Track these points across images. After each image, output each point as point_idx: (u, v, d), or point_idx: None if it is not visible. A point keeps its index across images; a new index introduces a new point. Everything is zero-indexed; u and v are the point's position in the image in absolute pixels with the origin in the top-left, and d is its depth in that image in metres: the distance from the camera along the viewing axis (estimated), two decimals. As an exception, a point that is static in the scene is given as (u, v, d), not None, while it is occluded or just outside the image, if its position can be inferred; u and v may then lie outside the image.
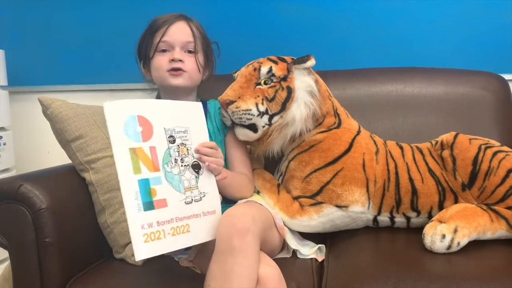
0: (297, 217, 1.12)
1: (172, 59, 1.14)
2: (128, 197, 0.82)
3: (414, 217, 1.17)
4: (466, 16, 1.56)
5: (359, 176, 1.13)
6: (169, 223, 0.85)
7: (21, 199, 1.00)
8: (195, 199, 0.90)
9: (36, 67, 1.71)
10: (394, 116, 1.43)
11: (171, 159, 0.88)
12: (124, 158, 0.83)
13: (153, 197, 0.84)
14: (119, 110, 0.85)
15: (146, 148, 0.86)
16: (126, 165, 0.83)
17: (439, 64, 1.53)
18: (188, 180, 0.91)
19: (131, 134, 0.85)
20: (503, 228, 1.06)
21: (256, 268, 0.89)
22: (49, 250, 1.01)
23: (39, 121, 1.25)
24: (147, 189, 0.83)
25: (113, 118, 0.84)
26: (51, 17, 1.68)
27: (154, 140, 0.87)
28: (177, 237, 0.86)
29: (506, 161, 1.11)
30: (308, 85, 1.14)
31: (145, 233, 0.81)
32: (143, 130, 0.86)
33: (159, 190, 0.85)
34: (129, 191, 0.82)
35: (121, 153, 0.83)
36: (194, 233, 0.88)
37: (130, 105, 0.87)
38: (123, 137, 0.84)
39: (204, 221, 0.91)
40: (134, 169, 0.83)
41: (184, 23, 1.18)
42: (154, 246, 0.82)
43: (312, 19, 1.59)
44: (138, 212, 0.82)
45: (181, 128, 0.93)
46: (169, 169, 0.88)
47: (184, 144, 0.92)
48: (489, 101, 1.43)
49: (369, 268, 1.01)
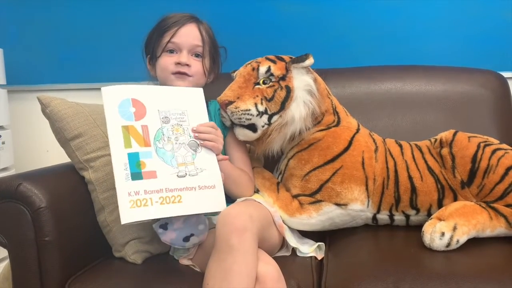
0: (296, 215, 1.12)
1: (178, 62, 1.14)
2: (118, 168, 0.91)
3: (413, 215, 1.17)
4: (465, 14, 1.56)
5: (358, 174, 1.14)
6: (158, 192, 0.91)
7: (21, 198, 1.00)
8: (190, 173, 0.96)
9: (34, 66, 1.71)
10: (393, 114, 1.44)
11: (163, 137, 0.97)
12: (116, 134, 0.93)
13: (142, 169, 0.92)
14: (115, 93, 0.96)
15: (138, 126, 0.95)
16: (118, 140, 0.93)
17: (438, 62, 1.53)
18: (182, 156, 0.98)
19: (125, 114, 0.95)
20: (502, 225, 1.06)
21: (254, 266, 0.89)
22: (48, 248, 1.01)
23: (38, 120, 1.25)
24: (136, 161, 0.92)
25: (108, 100, 0.95)
26: (49, 15, 1.68)
27: (146, 119, 0.97)
28: (166, 206, 0.91)
29: (505, 158, 1.11)
30: (307, 84, 1.14)
31: (131, 199, 0.89)
32: (136, 111, 0.96)
33: (148, 163, 0.93)
34: (119, 162, 0.91)
35: (114, 130, 0.93)
36: (186, 204, 0.93)
37: (125, 89, 0.98)
38: (117, 116, 0.94)
39: (199, 194, 0.96)
40: (125, 144, 0.93)
41: (194, 26, 1.18)
42: (140, 212, 0.89)
43: (311, 17, 1.59)
44: (126, 181, 0.90)
45: (178, 110, 1.01)
46: (160, 146, 0.96)
47: (180, 125, 1.00)
48: (488, 99, 1.43)
49: (368, 266, 1.01)
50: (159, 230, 1.01)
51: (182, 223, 1.01)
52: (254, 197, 1.13)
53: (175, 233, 1.01)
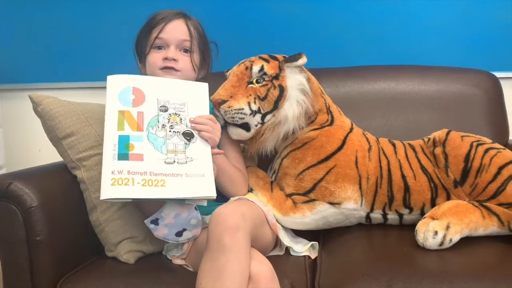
0: (290, 214, 1.12)
1: (165, 57, 1.13)
2: (107, 148, 0.95)
3: (407, 214, 1.17)
4: (459, 14, 1.57)
5: (351, 173, 1.14)
6: (142, 175, 0.93)
7: (12, 197, 0.99)
8: (178, 161, 0.98)
9: (26, 65, 1.69)
10: (386, 113, 1.44)
11: (158, 124, 1.00)
12: (112, 118, 0.97)
13: (129, 151, 0.95)
14: (118, 81, 1.01)
15: (134, 112, 0.99)
16: (112, 123, 0.97)
17: (431, 62, 1.53)
18: (174, 144, 0.99)
19: (123, 100, 0.99)
20: (495, 224, 1.07)
21: (247, 265, 0.88)
22: (40, 248, 1.00)
23: (29, 119, 1.23)
24: (125, 143, 0.95)
25: (111, 87, 1.00)
26: (41, 14, 1.67)
27: (143, 106, 1.00)
28: (147, 188, 0.93)
29: (497, 158, 1.12)
30: (300, 83, 1.14)
31: (114, 177, 0.91)
32: (135, 98, 1.00)
33: (137, 146, 0.96)
34: (109, 143, 0.95)
35: (110, 114, 0.98)
36: (169, 189, 0.94)
37: (128, 78, 1.02)
38: (116, 102, 0.99)
39: (185, 180, 0.96)
40: (118, 127, 0.97)
41: (182, 21, 1.17)
42: (119, 190, 0.91)
43: (305, 16, 1.59)
44: (112, 160, 0.93)
45: (178, 101, 1.04)
46: (153, 131, 0.99)
47: (177, 114, 1.02)
48: (481, 99, 1.44)
49: (362, 265, 1.01)
50: (150, 226, 1.01)
51: (173, 218, 1.00)
52: (247, 196, 1.13)
53: (167, 228, 1.01)
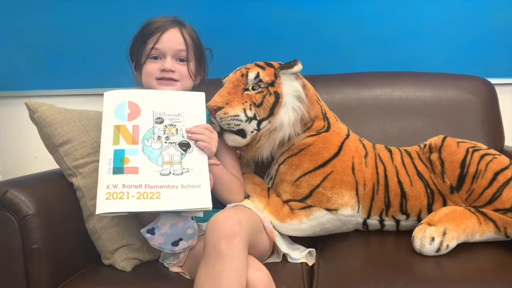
0: (287, 221, 1.12)
1: (163, 69, 1.13)
2: (102, 163, 0.96)
3: (404, 220, 1.18)
4: (454, 21, 1.58)
5: (348, 179, 1.14)
6: (136, 188, 0.94)
7: (7, 205, 0.99)
8: (174, 172, 0.97)
9: (22, 72, 1.69)
10: (382, 120, 1.45)
11: (153, 136, 1.00)
12: (107, 133, 0.99)
13: (124, 164, 0.96)
14: (114, 97, 1.03)
15: (129, 125, 1.00)
16: (108, 138, 0.98)
17: (427, 68, 1.54)
18: (170, 155, 0.99)
19: (119, 115, 1.01)
20: (491, 230, 1.07)
21: (244, 272, 0.88)
22: (36, 257, 0.99)
23: (25, 126, 1.23)
24: (121, 157, 0.96)
25: (107, 103, 1.02)
26: (37, 21, 1.67)
27: (139, 120, 1.01)
28: (142, 201, 0.93)
29: (493, 164, 1.12)
30: (296, 90, 1.15)
31: (108, 192, 0.92)
32: (131, 112, 1.01)
33: (133, 159, 0.96)
34: (104, 157, 0.96)
35: (106, 129, 0.99)
36: (165, 201, 0.94)
37: (124, 93, 1.04)
38: (112, 117, 1.00)
39: (181, 192, 0.96)
40: (114, 141, 0.98)
41: (177, 30, 1.16)
42: (114, 204, 0.91)
43: (301, 23, 1.60)
44: (107, 175, 0.94)
45: (174, 112, 1.04)
46: (148, 144, 0.99)
47: (173, 125, 1.02)
48: (476, 105, 1.45)
49: (359, 271, 1.01)
50: (147, 235, 1.00)
51: (169, 228, 1.00)
52: (244, 202, 1.13)
53: (163, 237, 1.01)
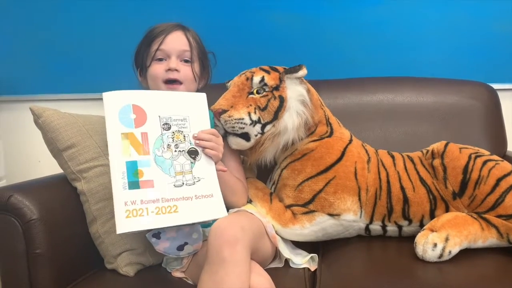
0: (289, 226, 1.12)
1: (168, 68, 1.14)
2: (115, 177, 0.90)
3: (406, 226, 1.18)
4: (456, 26, 1.58)
5: (351, 185, 1.14)
6: (154, 202, 0.90)
7: (11, 210, 0.99)
8: (187, 183, 0.95)
9: (26, 76, 1.70)
10: (385, 125, 1.45)
11: (163, 144, 0.95)
12: (115, 142, 0.92)
13: (139, 178, 0.91)
14: (116, 99, 0.95)
15: (137, 133, 0.94)
16: (117, 148, 0.91)
17: (429, 74, 1.54)
18: (181, 164, 0.96)
19: (125, 121, 0.93)
20: (494, 236, 1.07)
21: (247, 278, 0.88)
22: (39, 261, 0.99)
23: (29, 130, 1.24)
24: (134, 170, 0.91)
25: (109, 106, 0.94)
26: (42, 25, 1.68)
27: (146, 126, 0.95)
28: (162, 216, 0.90)
29: (496, 170, 1.12)
30: (300, 94, 1.15)
31: (127, 209, 0.88)
32: (137, 117, 0.95)
33: (146, 171, 0.92)
34: (116, 171, 0.90)
35: (113, 137, 0.92)
36: (183, 214, 0.92)
37: (126, 95, 0.96)
38: (117, 123, 0.93)
39: (196, 203, 0.94)
40: (124, 152, 0.91)
41: (181, 32, 1.18)
42: (135, 222, 0.88)
43: (304, 29, 1.60)
44: (123, 190, 0.89)
45: (179, 116, 0.99)
46: (159, 154, 0.94)
47: (180, 131, 0.98)
48: (479, 111, 1.44)
49: (361, 277, 1.01)
50: (152, 240, 1.01)
51: (175, 232, 1.00)
52: (246, 207, 1.13)
53: (168, 242, 1.01)
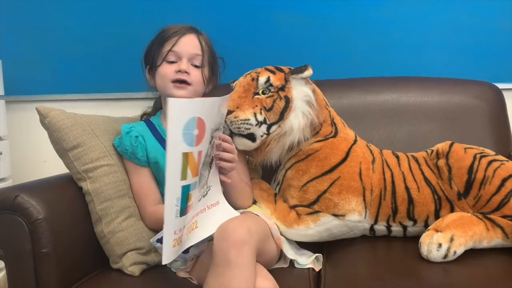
0: (294, 226, 1.12)
1: (178, 70, 1.15)
2: (170, 203, 0.80)
3: (411, 226, 1.17)
4: (461, 26, 1.58)
5: (355, 185, 1.14)
6: (187, 225, 0.86)
7: (18, 209, 1.00)
8: (203, 194, 0.91)
9: (33, 77, 1.71)
10: (389, 125, 1.45)
11: (207, 160, 0.87)
12: (176, 162, 0.81)
13: (188, 203, 0.84)
14: (183, 109, 0.82)
15: (195, 152, 0.84)
16: (176, 170, 0.81)
17: (434, 74, 1.54)
18: (205, 177, 0.90)
19: (188, 138, 0.82)
20: (499, 236, 1.07)
21: (253, 280, 0.88)
22: (45, 260, 1.00)
23: (35, 130, 1.24)
24: (186, 194, 0.83)
25: (176, 117, 0.80)
26: (48, 26, 1.68)
27: (203, 144, 0.86)
28: (189, 236, 0.87)
29: (501, 170, 1.12)
30: (306, 95, 1.15)
31: (175, 238, 0.82)
32: (199, 134, 0.84)
33: (193, 194, 0.85)
34: (172, 195, 0.81)
35: (174, 156, 0.81)
36: (202, 228, 0.89)
37: (192, 105, 0.84)
38: (180, 140, 0.81)
39: (208, 214, 0.92)
40: (182, 175, 0.82)
41: (194, 36, 1.19)
42: (177, 250, 0.84)
43: (309, 29, 1.60)
44: (175, 219, 0.81)
45: (217, 126, 0.92)
46: (203, 172, 0.87)
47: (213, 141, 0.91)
48: (484, 110, 1.44)
49: (366, 277, 1.01)
50: (157, 245, 1.01)
51: None
52: (251, 208, 1.14)
53: None
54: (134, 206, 1.14)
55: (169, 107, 0.79)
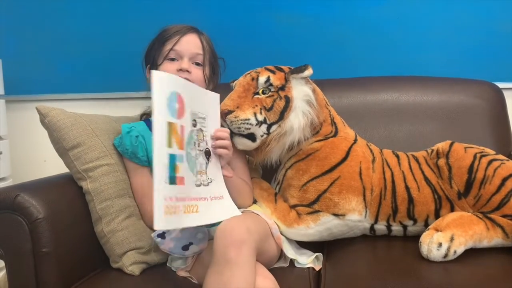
0: (294, 226, 1.12)
1: (179, 68, 1.16)
2: (159, 168, 0.83)
3: (411, 225, 1.17)
4: (461, 25, 1.58)
5: (356, 185, 1.14)
6: (183, 201, 0.88)
7: (18, 209, 1.00)
8: (203, 183, 0.94)
9: (33, 76, 1.71)
10: (389, 124, 1.45)
11: (191, 141, 0.92)
12: (162, 130, 0.85)
13: (176, 173, 0.86)
14: (166, 82, 0.88)
15: (178, 125, 0.89)
16: (162, 136, 0.85)
17: (434, 73, 1.54)
18: (200, 164, 0.94)
19: (171, 109, 0.87)
20: (499, 236, 1.07)
21: (252, 280, 0.88)
22: (45, 260, 1.00)
23: (35, 130, 1.25)
24: (173, 164, 0.86)
25: (160, 88, 0.86)
26: (48, 25, 1.69)
27: (184, 120, 0.91)
28: (188, 216, 0.88)
29: (501, 169, 1.12)
30: (306, 94, 1.15)
31: (166, 205, 0.83)
32: (179, 108, 0.89)
33: (180, 167, 0.88)
34: (160, 162, 0.84)
35: (161, 124, 0.85)
36: (202, 214, 0.90)
37: (173, 81, 0.90)
38: (165, 109, 0.86)
39: (211, 204, 0.94)
40: (168, 143, 0.86)
41: (195, 35, 1.21)
42: (170, 220, 0.84)
43: (309, 28, 1.60)
44: (165, 184, 0.84)
45: (202, 115, 0.96)
46: (189, 150, 0.91)
47: (201, 130, 0.96)
48: (484, 110, 1.44)
49: (366, 277, 1.01)
50: (157, 239, 1.01)
51: (179, 232, 1.01)
52: (252, 208, 1.14)
53: (173, 242, 1.01)
54: (134, 205, 1.14)
55: (154, 78, 0.84)
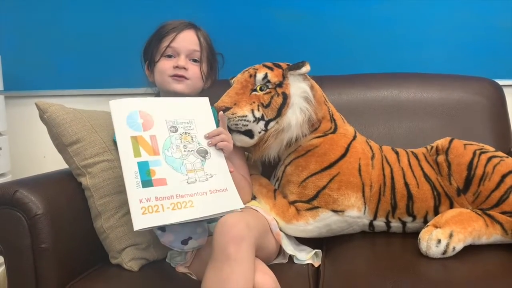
0: (293, 222, 1.12)
1: (176, 65, 1.16)
2: (128, 176, 0.93)
3: (410, 222, 1.18)
4: (461, 22, 1.58)
5: (355, 181, 1.14)
6: (169, 199, 0.93)
7: (17, 204, 1.00)
8: (199, 179, 0.98)
9: (32, 72, 1.71)
10: (389, 121, 1.45)
11: (172, 145, 0.99)
12: (125, 144, 0.96)
13: (152, 177, 0.94)
14: (123, 106, 1.00)
15: (146, 136, 0.98)
16: (127, 150, 0.95)
17: (434, 70, 1.54)
18: (191, 163, 1.00)
19: (133, 125, 0.98)
20: (498, 233, 1.07)
21: (251, 276, 0.88)
22: (45, 256, 1.00)
23: (35, 125, 1.25)
24: (146, 170, 0.94)
25: (117, 113, 0.99)
26: (48, 21, 1.69)
27: (154, 129, 1.00)
28: (178, 211, 0.92)
29: (500, 166, 1.12)
30: (303, 91, 1.15)
31: (143, 206, 0.90)
32: (144, 122, 0.99)
33: (158, 170, 0.95)
34: (129, 171, 0.94)
35: (123, 140, 0.96)
36: (199, 208, 0.94)
37: (132, 102, 1.01)
38: (125, 127, 0.98)
39: (211, 198, 0.97)
40: (135, 153, 0.95)
41: (192, 32, 1.21)
42: (151, 218, 0.90)
43: (308, 25, 1.60)
44: (137, 189, 0.92)
45: (185, 119, 1.04)
46: (169, 154, 0.98)
47: (187, 133, 1.03)
48: (484, 106, 1.44)
49: (365, 273, 1.01)
50: (157, 232, 1.01)
51: (179, 226, 1.01)
52: (251, 204, 1.14)
53: (173, 235, 1.02)
54: (133, 201, 1.14)
55: (111, 108, 0.98)
